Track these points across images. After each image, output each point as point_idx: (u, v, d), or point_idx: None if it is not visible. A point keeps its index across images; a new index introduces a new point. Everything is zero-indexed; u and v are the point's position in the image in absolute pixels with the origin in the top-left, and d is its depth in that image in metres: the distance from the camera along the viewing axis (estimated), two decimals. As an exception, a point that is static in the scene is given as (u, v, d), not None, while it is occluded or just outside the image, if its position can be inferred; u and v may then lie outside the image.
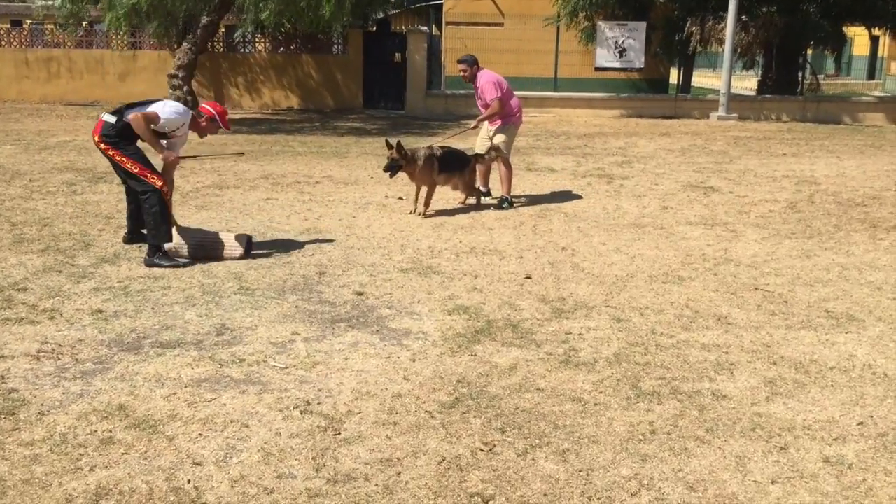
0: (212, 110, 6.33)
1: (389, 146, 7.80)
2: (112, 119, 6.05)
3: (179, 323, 4.84)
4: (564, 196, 9.20)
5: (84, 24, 17.18)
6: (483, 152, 8.55)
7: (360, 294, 5.51)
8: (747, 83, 25.63)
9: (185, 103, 17.68)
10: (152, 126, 5.99)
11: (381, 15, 21.36)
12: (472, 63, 8.49)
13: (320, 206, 8.36)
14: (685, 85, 21.09)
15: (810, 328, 4.99)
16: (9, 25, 22.41)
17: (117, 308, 5.07)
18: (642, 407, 3.85)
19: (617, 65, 19.50)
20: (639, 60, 19.42)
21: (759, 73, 22.88)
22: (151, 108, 6.03)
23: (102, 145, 6.06)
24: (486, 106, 8.46)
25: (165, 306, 5.13)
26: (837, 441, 3.56)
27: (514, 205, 8.57)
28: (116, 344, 4.48)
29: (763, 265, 6.43)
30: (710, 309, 5.34)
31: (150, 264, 5.99)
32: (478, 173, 8.71)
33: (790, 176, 10.76)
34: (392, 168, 7.79)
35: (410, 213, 8.07)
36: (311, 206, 8.37)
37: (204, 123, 6.31)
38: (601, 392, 4.00)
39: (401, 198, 8.70)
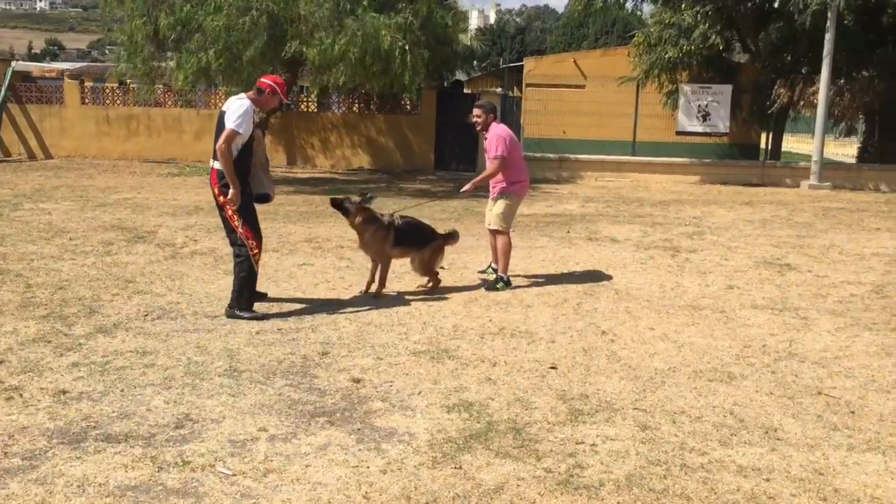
0: (271, 83, 6.19)
1: (361, 194, 7.06)
2: (220, 165, 5.98)
3: (141, 410, 4.34)
4: (620, 270, 8.41)
5: (162, 84, 17.50)
6: (493, 226, 7.54)
7: (357, 381, 4.92)
8: (849, 150, 24.17)
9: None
10: (240, 142, 5.91)
11: (464, 77, 21.18)
12: (489, 111, 7.34)
13: (354, 275, 7.87)
14: (775, 151, 19.92)
15: (878, 450, 4.11)
16: (92, 83, 22.85)
17: (84, 388, 4.63)
18: (644, 554, 3.10)
19: (700, 129, 18.59)
20: (723, 125, 18.46)
21: (861, 139, 21.55)
22: (227, 128, 5.85)
23: (221, 197, 6.04)
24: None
25: (137, 388, 4.66)
26: None
27: (512, 285, 7.46)
28: (60, 434, 4.00)
29: (832, 363, 5.53)
30: (758, 417, 4.51)
31: (231, 316, 6.18)
32: (489, 248, 7.84)
33: (881, 254, 9.68)
34: (338, 204, 7.00)
35: (362, 293, 7.11)
36: (344, 275, 7.90)
37: (267, 97, 6.20)
38: (597, 529, 3.27)
39: (442, 267, 8.07)
